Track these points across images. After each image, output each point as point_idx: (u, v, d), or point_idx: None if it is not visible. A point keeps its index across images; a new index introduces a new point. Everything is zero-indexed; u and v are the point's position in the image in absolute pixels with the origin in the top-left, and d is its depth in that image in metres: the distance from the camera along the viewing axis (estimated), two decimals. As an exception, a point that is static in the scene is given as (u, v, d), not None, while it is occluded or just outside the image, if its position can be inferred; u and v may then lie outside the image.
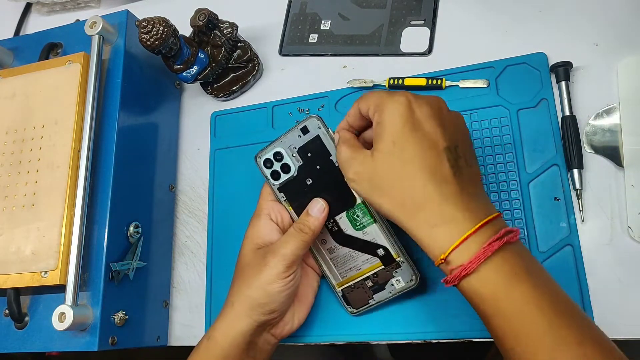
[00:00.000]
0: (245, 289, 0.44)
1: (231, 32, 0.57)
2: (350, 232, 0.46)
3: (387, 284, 0.46)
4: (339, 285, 0.48)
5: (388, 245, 0.45)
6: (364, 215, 0.45)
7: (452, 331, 0.46)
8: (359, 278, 0.47)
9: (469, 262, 0.35)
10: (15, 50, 0.61)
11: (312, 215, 0.45)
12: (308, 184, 0.47)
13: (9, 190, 0.52)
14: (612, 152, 0.47)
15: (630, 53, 0.49)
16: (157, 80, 0.60)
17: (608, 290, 0.44)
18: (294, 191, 0.47)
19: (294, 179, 0.47)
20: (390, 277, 0.46)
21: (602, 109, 0.48)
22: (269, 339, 0.47)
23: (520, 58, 0.51)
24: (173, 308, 0.57)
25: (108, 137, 0.52)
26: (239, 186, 0.58)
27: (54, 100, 0.53)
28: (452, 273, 0.36)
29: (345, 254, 0.47)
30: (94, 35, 0.53)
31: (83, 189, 0.49)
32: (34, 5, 0.79)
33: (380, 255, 0.46)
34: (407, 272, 0.45)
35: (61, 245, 0.48)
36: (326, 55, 0.60)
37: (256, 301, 0.43)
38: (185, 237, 0.60)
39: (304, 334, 0.50)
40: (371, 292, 0.47)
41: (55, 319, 0.45)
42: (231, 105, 0.63)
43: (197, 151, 0.62)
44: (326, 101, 0.57)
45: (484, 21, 0.55)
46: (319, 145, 0.46)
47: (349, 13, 0.61)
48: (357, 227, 0.46)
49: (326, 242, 0.48)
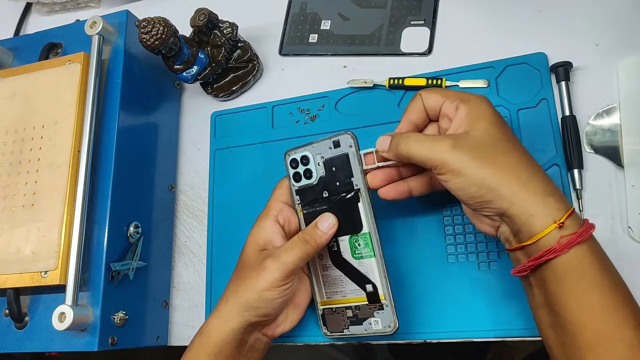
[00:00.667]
0: (242, 289, 0.44)
1: (231, 32, 0.57)
2: (347, 257, 0.46)
3: (365, 321, 0.45)
4: (321, 303, 0.48)
5: (378, 284, 0.44)
6: (365, 246, 0.45)
7: (452, 331, 0.46)
8: (342, 305, 0.46)
9: (583, 229, 0.36)
10: (15, 50, 0.61)
11: (321, 229, 0.45)
12: (324, 196, 0.46)
13: (9, 190, 0.52)
14: (612, 152, 0.47)
15: (630, 53, 0.49)
16: (157, 80, 0.60)
17: (608, 290, 0.44)
18: (309, 198, 0.47)
19: (312, 187, 0.47)
20: (371, 316, 0.45)
21: (602, 109, 0.48)
22: (260, 338, 0.47)
23: (520, 58, 0.51)
24: (173, 308, 0.57)
25: (108, 137, 0.52)
26: (239, 186, 0.58)
27: (54, 100, 0.53)
28: (562, 241, 0.36)
29: (336, 276, 0.46)
30: (94, 35, 0.53)
31: (83, 189, 0.49)
32: (34, 5, 0.79)
33: (367, 291, 0.45)
34: (387, 317, 0.44)
35: (61, 245, 0.48)
36: (326, 55, 0.60)
37: (250, 304, 0.44)
38: (185, 237, 0.60)
39: (304, 334, 0.50)
40: (348, 323, 0.46)
41: (55, 319, 0.45)
42: (231, 105, 0.63)
43: (197, 151, 0.62)
44: (326, 101, 0.57)
45: (484, 21, 0.55)
46: (345, 163, 0.45)
47: (349, 13, 0.61)
48: (355, 255, 0.45)
49: (323, 258, 0.47)
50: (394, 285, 0.45)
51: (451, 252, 0.48)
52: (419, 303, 0.48)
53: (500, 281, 0.46)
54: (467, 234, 0.48)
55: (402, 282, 0.49)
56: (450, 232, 0.49)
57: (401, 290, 0.48)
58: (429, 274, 0.48)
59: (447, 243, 0.49)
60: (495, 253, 0.47)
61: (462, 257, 0.48)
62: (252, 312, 0.44)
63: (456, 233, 0.48)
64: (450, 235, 0.49)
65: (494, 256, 0.47)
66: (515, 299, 0.45)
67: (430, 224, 0.49)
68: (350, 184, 0.45)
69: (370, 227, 0.44)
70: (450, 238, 0.49)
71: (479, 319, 0.46)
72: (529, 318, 0.44)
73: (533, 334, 0.44)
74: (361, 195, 0.45)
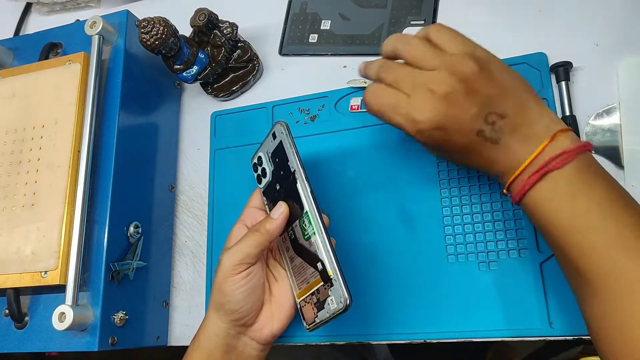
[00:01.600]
0: (211, 292, 0.46)
1: (231, 32, 0.57)
2: (301, 241, 0.44)
3: (325, 303, 0.42)
4: (297, 296, 0.46)
5: (325, 260, 0.42)
6: (309, 225, 0.43)
7: (452, 331, 0.46)
8: (308, 292, 0.44)
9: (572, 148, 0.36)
10: (15, 50, 0.61)
11: (272, 217, 0.45)
12: (277, 189, 0.47)
13: (9, 190, 0.52)
14: (612, 152, 0.47)
15: (630, 53, 0.49)
16: (157, 80, 0.60)
17: (608, 290, 0.44)
18: (271, 196, 0.48)
19: (270, 184, 0.48)
20: (327, 296, 0.42)
21: (602, 109, 0.48)
22: (249, 342, 0.47)
23: (520, 58, 0.51)
24: (173, 308, 0.57)
25: (108, 137, 0.52)
26: (239, 186, 0.58)
27: (54, 100, 0.53)
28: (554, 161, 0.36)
29: (299, 264, 0.45)
30: (94, 35, 0.53)
31: (83, 189, 0.49)
32: (34, 5, 0.79)
33: (319, 270, 0.43)
34: (338, 293, 0.41)
35: (61, 245, 0.48)
36: (326, 55, 0.60)
37: (216, 301, 0.45)
38: (185, 237, 0.60)
39: (304, 334, 0.50)
40: (316, 310, 0.43)
41: (55, 319, 0.45)
42: (231, 105, 0.63)
43: (197, 151, 0.62)
44: (326, 101, 0.57)
45: (484, 21, 0.55)
46: (282, 151, 0.46)
47: (349, 13, 0.61)
48: (305, 236, 0.44)
49: (288, 250, 0.47)
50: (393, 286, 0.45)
51: (451, 252, 0.48)
52: (418, 303, 0.48)
53: (500, 281, 0.46)
54: (467, 234, 0.48)
55: (402, 282, 0.49)
56: (450, 232, 0.49)
57: (401, 290, 0.48)
58: (429, 274, 0.48)
59: (447, 243, 0.48)
60: (495, 253, 0.47)
61: (462, 257, 0.48)
62: (222, 311, 0.45)
63: (456, 233, 0.48)
64: (450, 235, 0.49)
65: (493, 256, 0.47)
66: (515, 299, 0.45)
67: (430, 224, 0.49)
68: (288, 168, 0.45)
69: (308, 205, 0.43)
70: (450, 238, 0.49)
71: (479, 319, 0.46)
72: (529, 318, 0.44)
73: (533, 334, 0.44)
74: (297, 176, 0.44)
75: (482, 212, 0.48)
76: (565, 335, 0.44)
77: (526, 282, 0.45)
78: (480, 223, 0.48)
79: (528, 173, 0.37)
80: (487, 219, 0.48)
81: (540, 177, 0.36)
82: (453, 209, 0.49)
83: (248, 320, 0.46)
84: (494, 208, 0.48)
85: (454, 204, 0.49)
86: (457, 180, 0.50)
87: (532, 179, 0.37)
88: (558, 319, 0.44)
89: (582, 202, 0.35)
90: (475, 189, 0.49)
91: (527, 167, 0.37)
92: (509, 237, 0.47)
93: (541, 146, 0.37)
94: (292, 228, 0.46)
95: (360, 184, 0.53)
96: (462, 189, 0.49)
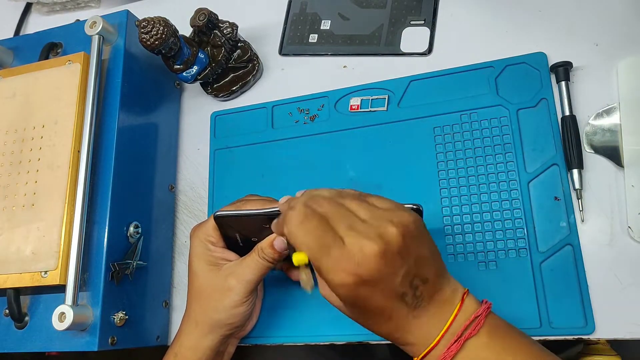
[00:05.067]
0: (210, 310, 0.46)
1: (231, 32, 0.57)
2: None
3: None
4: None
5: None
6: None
7: (452, 331, 0.46)
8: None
9: (481, 310, 0.37)
10: (15, 50, 0.60)
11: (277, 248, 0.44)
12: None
13: (9, 190, 0.52)
14: (612, 152, 0.47)
15: (630, 53, 0.49)
16: (157, 80, 0.60)
17: (608, 290, 0.44)
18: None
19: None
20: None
21: (602, 109, 0.48)
22: (233, 341, 0.50)
23: (520, 58, 0.51)
24: (173, 308, 0.57)
25: (108, 137, 0.52)
26: (239, 186, 0.58)
27: (54, 100, 0.53)
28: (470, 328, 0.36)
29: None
30: (94, 35, 0.53)
31: (83, 189, 0.49)
32: (34, 5, 0.79)
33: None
34: None
35: (61, 245, 0.48)
36: (326, 55, 0.60)
37: (222, 322, 0.46)
38: (185, 237, 0.60)
39: (304, 334, 0.50)
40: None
41: (55, 319, 0.45)
42: (231, 105, 0.63)
43: (197, 151, 0.62)
44: (326, 101, 0.57)
45: (484, 21, 0.55)
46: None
47: (349, 13, 0.61)
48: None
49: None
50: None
51: (450, 252, 0.48)
52: (418, 303, 0.48)
53: (499, 281, 0.46)
54: (466, 234, 0.48)
55: (402, 282, 0.49)
56: (449, 231, 0.49)
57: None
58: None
59: (447, 243, 0.49)
60: (494, 253, 0.47)
61: (461, 256, 0.48)
62: (226, 328, 0.46)
63: (455, 233, 0.48)
64: (450, 235, 0.49)
65: (493, 256, 0.47)
66: (514, 298, 0.45)
67: (430, 223, 0.49)
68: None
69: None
70: (450, 238, 0.49)
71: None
72: (529, 317, 0.44)
73: (533, 333, 0.44)
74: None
75: (481, 212, 0.48)
76: (565, 335, 0.44)
77: (526, 282, 0.45)
78: (479, 223, 0.48)
79: (446, 343, 0.36)
80: (486, 219, 0.48)
81: (460, 347, 0.35)
82: (452, 209, 0.49)
83: (242, 327, 0.49)
84: (493, 208, 0.48)
85: (453, 204, 0.49)
86: (457, 180, 0.50)
87: (451, 351, 0.35)
88: (558, 319, 0.44)
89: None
90: (474, 189, 0.49)
91: (444, 336, 0.36)
92: (508, 237, 0.47)
93: (454, 312, 0.36)
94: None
95: (360, 184, 0.53)
96: (461, 189, 0.49)
